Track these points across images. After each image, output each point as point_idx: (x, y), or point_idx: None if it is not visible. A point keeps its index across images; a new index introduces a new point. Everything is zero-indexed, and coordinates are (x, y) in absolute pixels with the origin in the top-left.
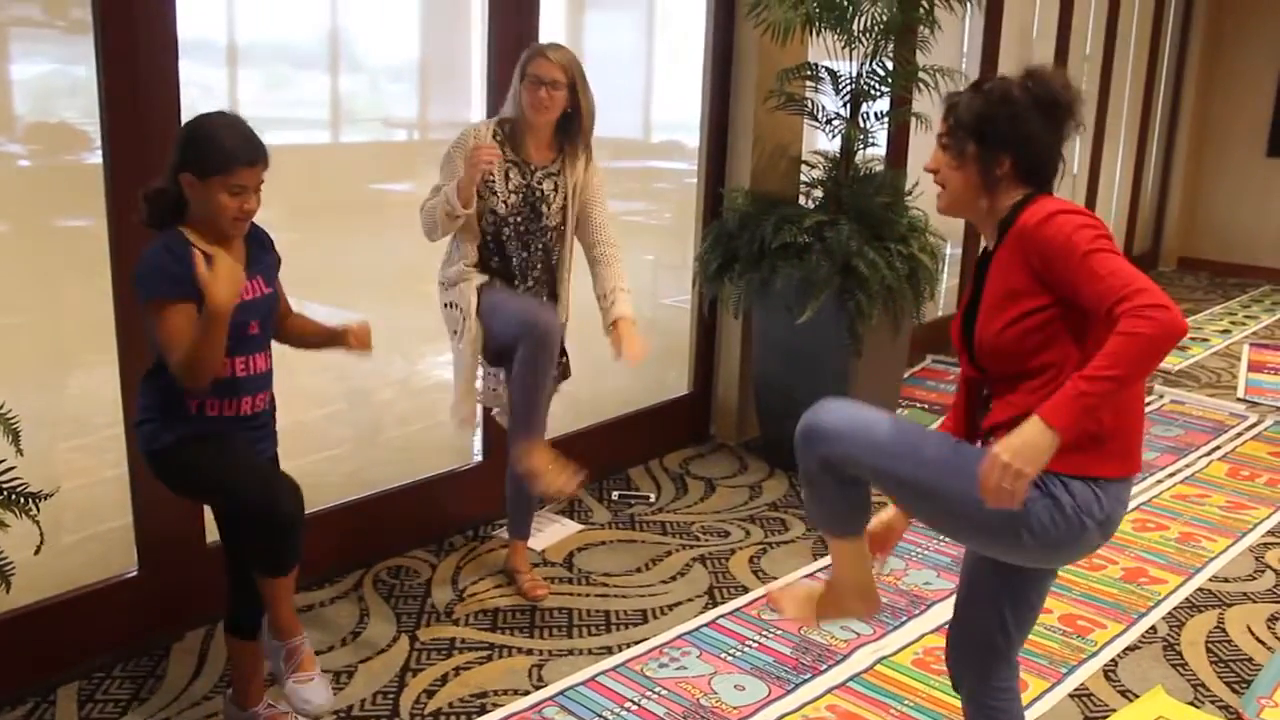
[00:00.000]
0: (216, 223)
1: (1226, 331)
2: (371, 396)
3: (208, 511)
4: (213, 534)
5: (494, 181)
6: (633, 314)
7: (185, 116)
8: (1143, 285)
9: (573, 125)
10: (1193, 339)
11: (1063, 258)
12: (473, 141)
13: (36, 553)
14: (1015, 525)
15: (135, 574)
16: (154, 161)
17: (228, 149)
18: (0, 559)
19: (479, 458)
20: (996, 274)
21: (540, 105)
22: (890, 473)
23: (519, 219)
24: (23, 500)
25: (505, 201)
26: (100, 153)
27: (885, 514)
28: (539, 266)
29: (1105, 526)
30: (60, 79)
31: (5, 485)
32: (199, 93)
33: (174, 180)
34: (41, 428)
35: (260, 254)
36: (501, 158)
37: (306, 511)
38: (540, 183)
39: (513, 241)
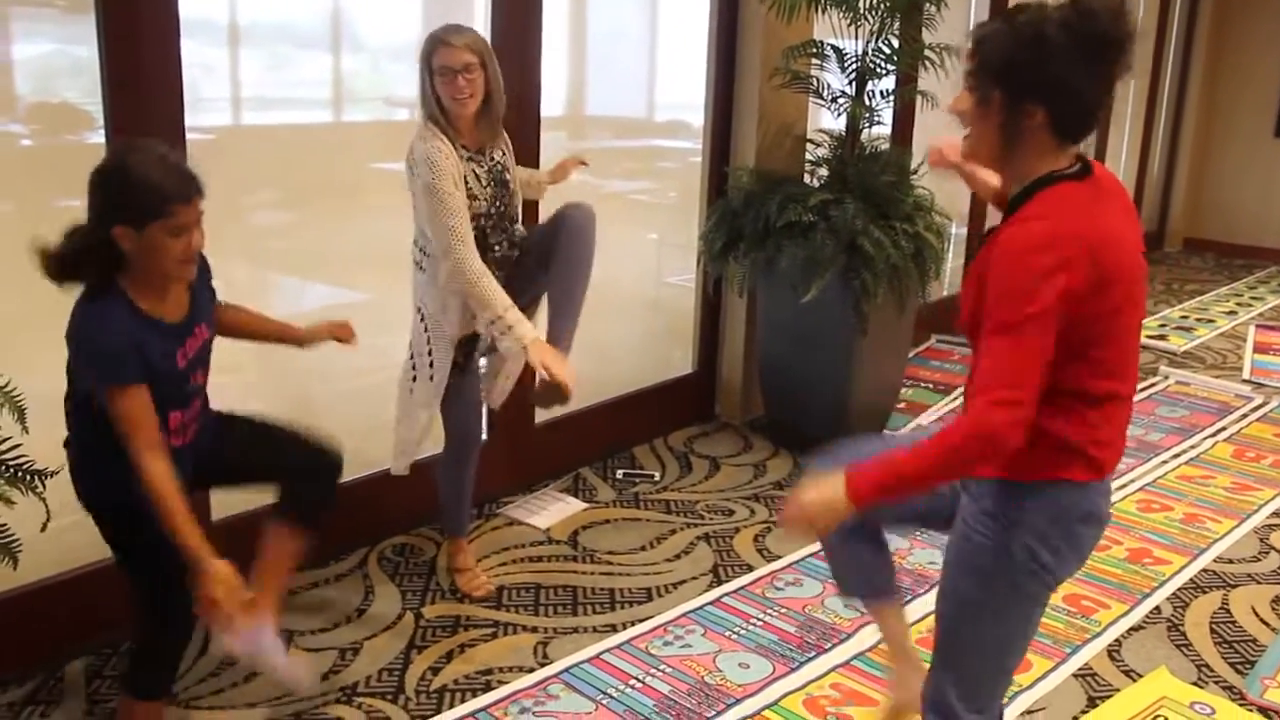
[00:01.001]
0: (161, 270)
1: (1232, 313)
2: (375, 375)
3: (212, 491)
4: (218, 511)
5: (470, 188)
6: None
7: (188, 97)
8: (989, 395)
9: (490, 107)
10: (1199, 320)
11: (994, 305)
12: (452, 169)
13: (43, 529)
14: (1030, 573)
15: None
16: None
17: (162, 189)
18: (7, 536)
19: (484, 437)
20: (976, 266)
21: (461, 95)
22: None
23: (497, 203)
24: (28, 478)
25: (484, 198)
26: (102, 133)
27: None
28: (507, 236)
29: (1090, 522)
30: (62, 59)
31: (11, 463)
32: (201, 72)
33: (103, 233)
34: (46, 407)
35: (200, 293)
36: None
37: None
38: (495, 158)
39: (495, 228)
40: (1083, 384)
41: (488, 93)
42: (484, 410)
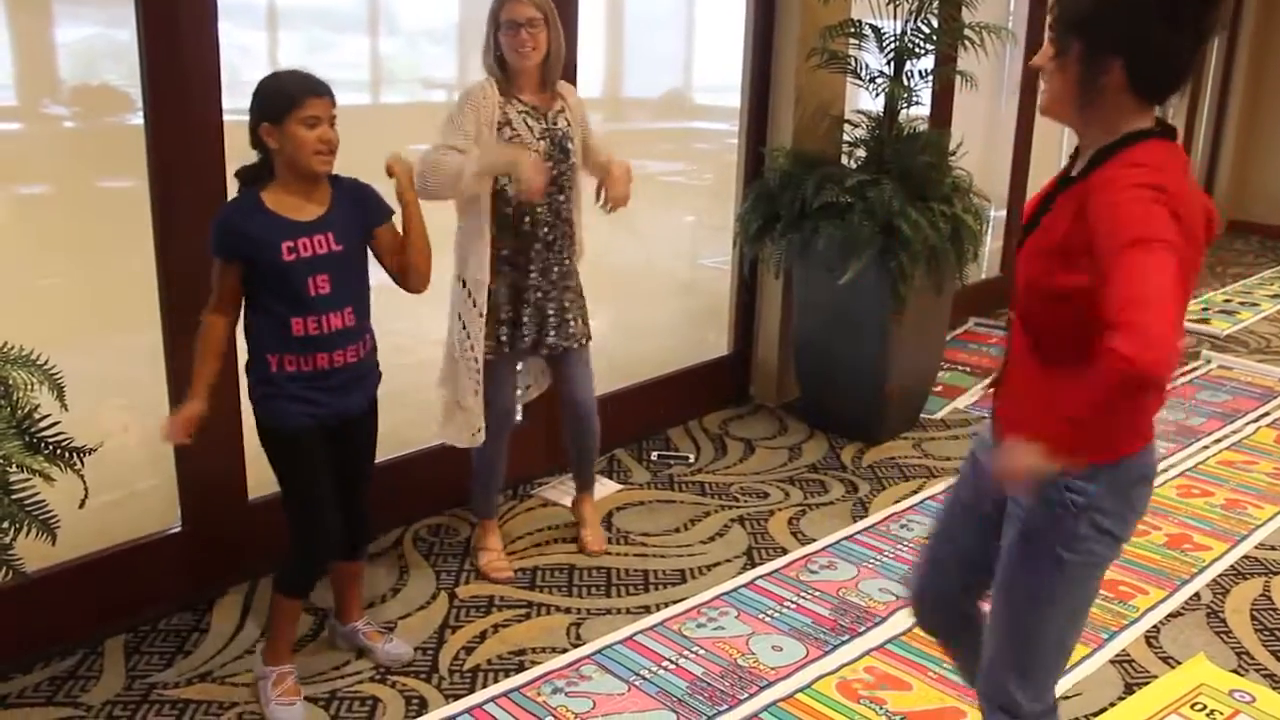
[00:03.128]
0: (301, 162)
1: (1277, 296)
2: (411, 355)
3: (249, 468)
4: (254, 490)
5: (519, 136)
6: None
7: (226, 79)
8: (1128, 317)
9: (549, 65)
10: (1242, 304)
11: (1106, 236)
12: (481, 103)
13: (81, 506)
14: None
15: (178, 529)
16: (195, 123)
17: (292, 86)
18: (46, 512)
19: (519, 418)
20: (1056, 214)
21: (524, 49)
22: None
23: (550, 164)
24: (68, 455)
25: (536, 150)
26: (141, 115)
27: None
28: (552, 204)
29: (1139, 487)
30: (103, 42)
31: (51, 439)
32: (239, 55)
33: (256, 142)
34: (86, 385)
35: (345, 209)
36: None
37: None
38: (555, 123)
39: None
40: None
41: (548, 51)
42: (587, 375)
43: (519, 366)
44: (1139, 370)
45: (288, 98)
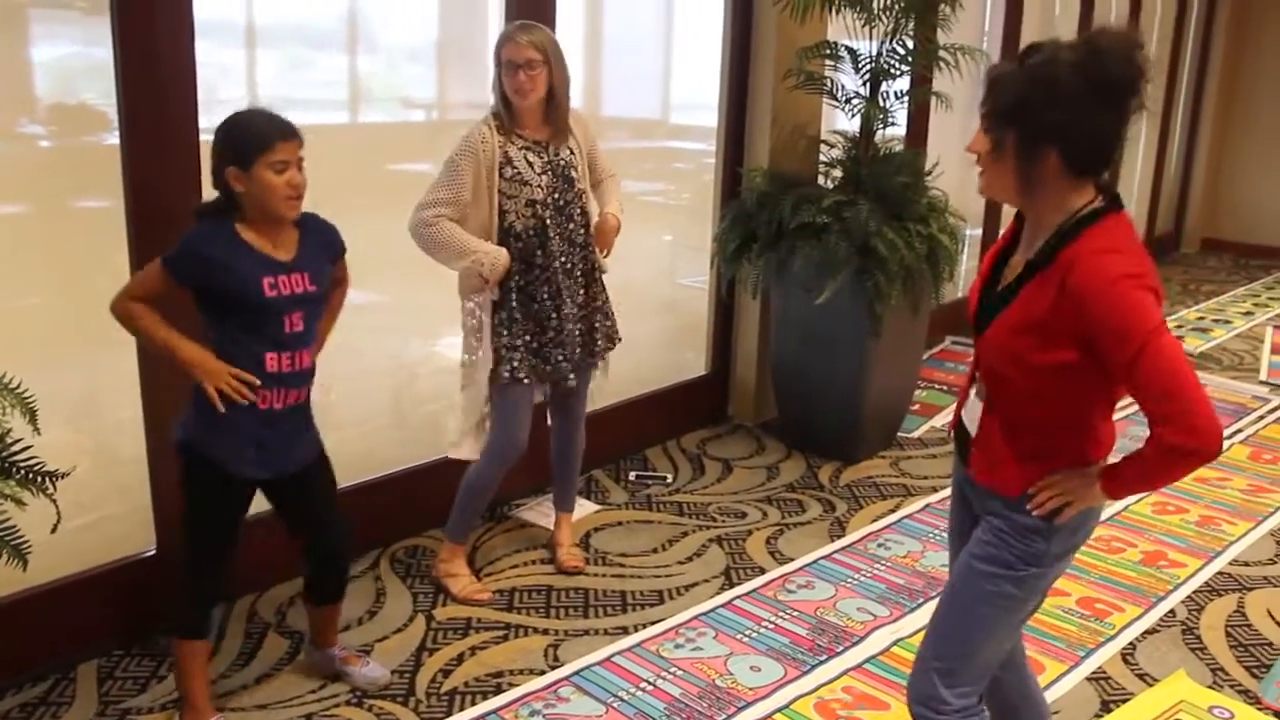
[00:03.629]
0: (269, 206)
1: (1249, 314)
2: (388, 377)
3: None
4: None
5: (519, 174)
6: (619, 212)
7: (203, 98)
8: (1174, 409)
9: (554, 104)
10: (1215, 321)
11: (1116, 343)
12: (481, 149)
13: (53, 531)
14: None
15: (153, 553)
16: (171, 142)
17: (261, 130)
18: (17, 538)
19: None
20: (1032, 296)
21: (522, 89)
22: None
23: (556, 195)
24: (40, 479)
25: (540, 186)
26: (117, 134)
27: None
28: (569, 236)
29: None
30: (79, 61)
31: (23, 464)
32: (216, 74)
33: (221, 183)
34: (59, 408)
35: (313, 249)
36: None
37: None
38: (558, 155)
39: (554, 219)
40: (1103, 413)
41: (551, 89)
42: (585, 393)
43: (540, 398)
44: (1199, 453)
45: (255, 141)
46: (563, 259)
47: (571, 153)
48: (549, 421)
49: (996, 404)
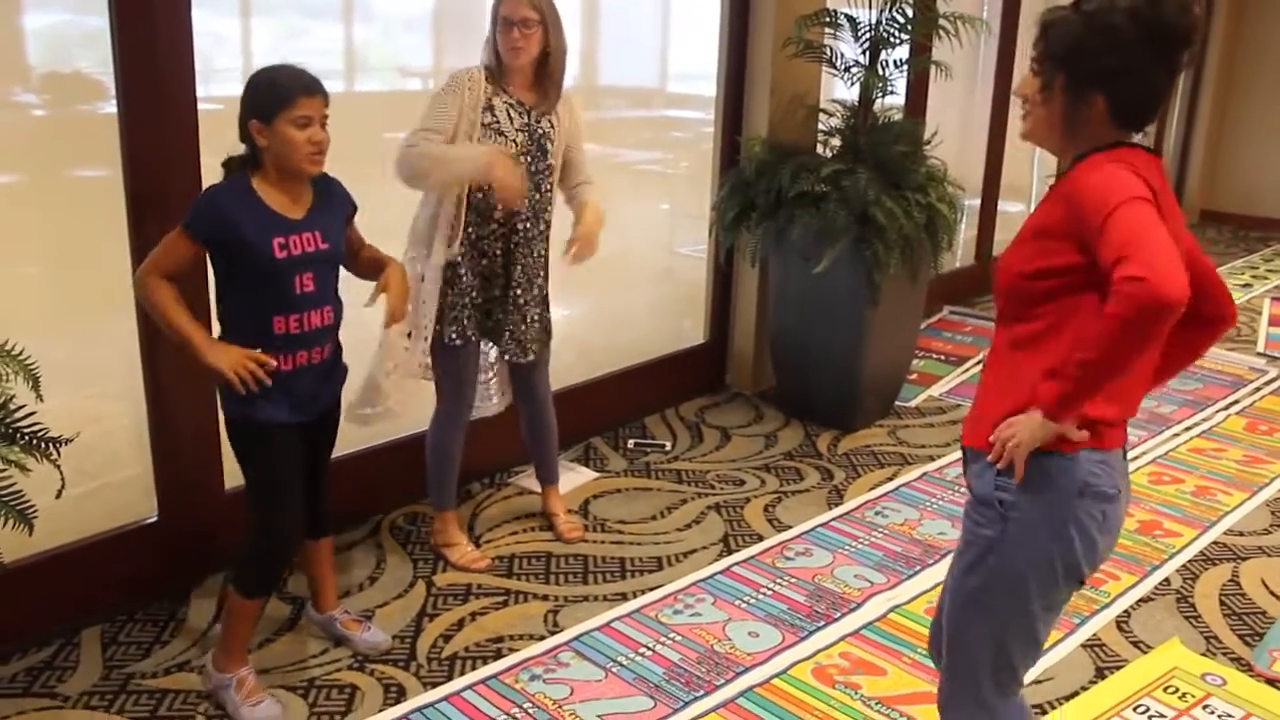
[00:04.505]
0: (290, 161)
1: (1248, 285)
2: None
3: (225, 458)
4: (230, 480)
5: (498, 122)
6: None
7: (200, 67)
8: (1130, 253)
9: (547, 67)
10: None
11: (1092, 213)
12: (466, 85)
13: (58, 496)
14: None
15: (155, 520)
16: (168, 111)
17: (285, 84)
18: (23, 502)
19: (490, 414)
20: (1042, 209)
21: (515, 47)
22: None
23: (528, 159)
24: (44, 445)
25: (514, 142)
26: (114, 103)
27: None
28: (542, 211)
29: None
30: (74, 29)
31: (27, 430)
32: (213, 42)
33: (245, 135)
34: (61, 376)
35: (324, 206)
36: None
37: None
38: (538, 122)
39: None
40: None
41: (546, 52)
42: (545, 375)
43: (487, 376)
44: (1152, 289)
45: (280, 96)
46: (524, 225)
47: (552, 126)
48: (517, 403)
49: (995, 355)
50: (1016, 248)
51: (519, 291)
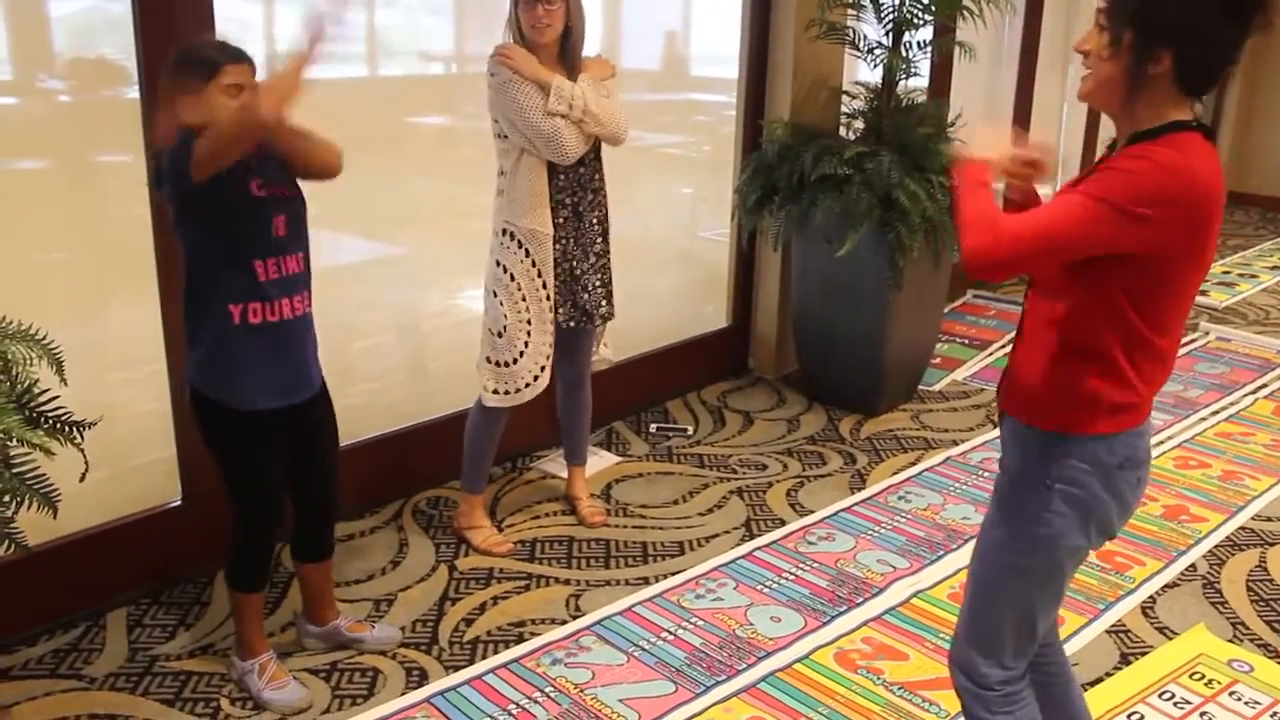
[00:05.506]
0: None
1: (1276, 268)
2: (410, 329)
3: None
4: None
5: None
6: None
7: None
8: (1020, 227)
9: (569, 42)
10: (1241, 275)
11: (1090, 177)
12: (517, 49)
13: (81, 480)
14: (1059, 550)
15: (179, 503)
16: None
17: (208, 55)
18: (48, 486)
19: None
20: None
21: (540, 24)
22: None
23: None
24: (68, 429)
25: None
26: (137, 88)
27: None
28: (583, 178)
29: (1132, 467)
30: (98, 15)
31: (51, 414)
32: (235, 28)
33: (171, 118)
34: (84, 360)
35: (273, 161)
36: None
37: (346, 443)
38: None
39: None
40: (1137, 335)
41: (568, 28)
42: (589, 355)
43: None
44: (973, 258)
45: (205, 67)
46: (575, 199)
47: None
48: (558, 375)
49: (1029, 323)
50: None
51: (587, 264)
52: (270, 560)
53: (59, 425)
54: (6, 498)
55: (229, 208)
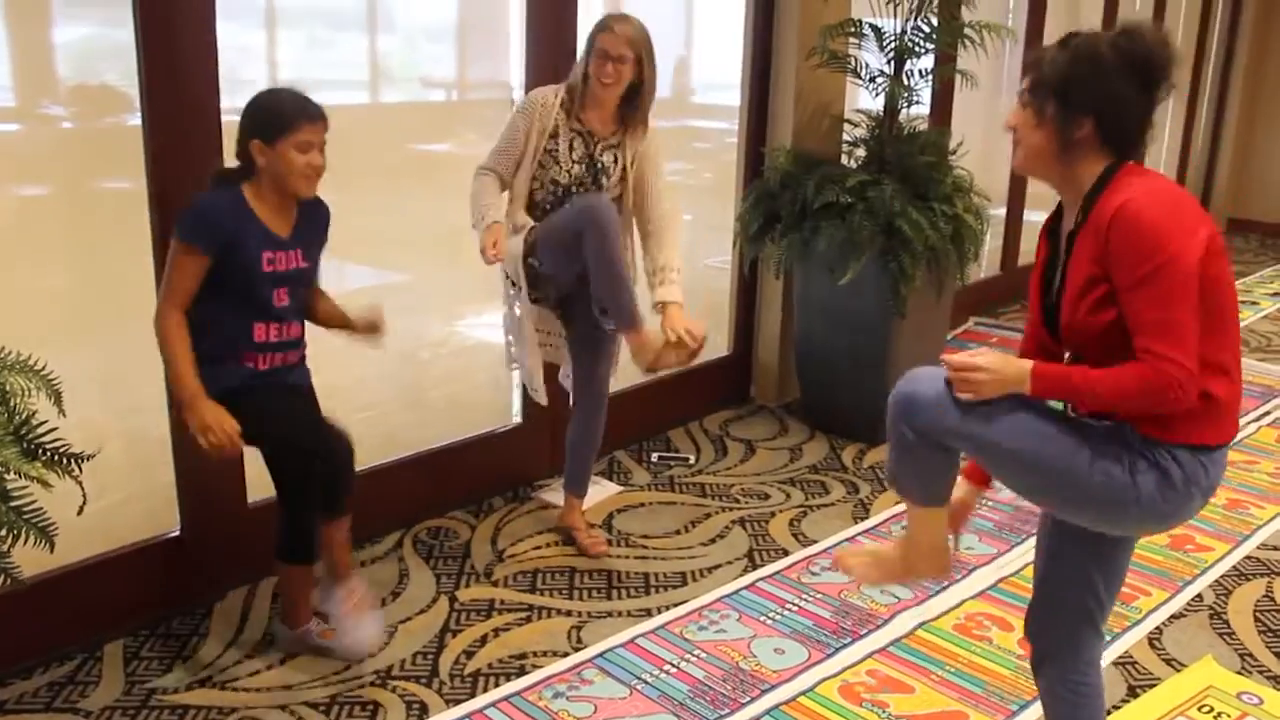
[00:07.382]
0: (286, 182)
1: (1277, 295)
2: (411, 357)
3: (249, 472)
4: (254, 494)
5: (557, 150)
6: (681, 298)
7: (223, 79)
8: (1169, 349)
9: (636, 98)
10: (1242, 302)
11: (1124, 268)
12: (539, 111)
13: (79, 513)
14: (1124, 498)
15: (177, 534)
16: (193, 123)
17: (290, 109)
18: (44, 519)
19: (518, 419)
20: (1079, 259)
21: (606, 79)
22: (996, 445)
23: (581, 190)
24: (66, 461)
25: (569, 171)
26: (139, 115)
27: (958, 491)
28: None
29: (1208, 493)
30: (101, 42)
31: (48, 446)
32: (237, 54)
33: (243, 151)
34: (83, 389)
35: (308, 227)
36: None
37: None
38: (601, 154)
39: None
40: (1215, 355)
41: (636, 85)
42: (609, 370)
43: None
44: (1176, 387)
45: (285, 121)
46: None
47: (615, 160)
48: (571, 404)
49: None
50: (1073, 302)
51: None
52: (315, 532)
53: (57, 457)
54: (3, 531)
55: (235, 275)
